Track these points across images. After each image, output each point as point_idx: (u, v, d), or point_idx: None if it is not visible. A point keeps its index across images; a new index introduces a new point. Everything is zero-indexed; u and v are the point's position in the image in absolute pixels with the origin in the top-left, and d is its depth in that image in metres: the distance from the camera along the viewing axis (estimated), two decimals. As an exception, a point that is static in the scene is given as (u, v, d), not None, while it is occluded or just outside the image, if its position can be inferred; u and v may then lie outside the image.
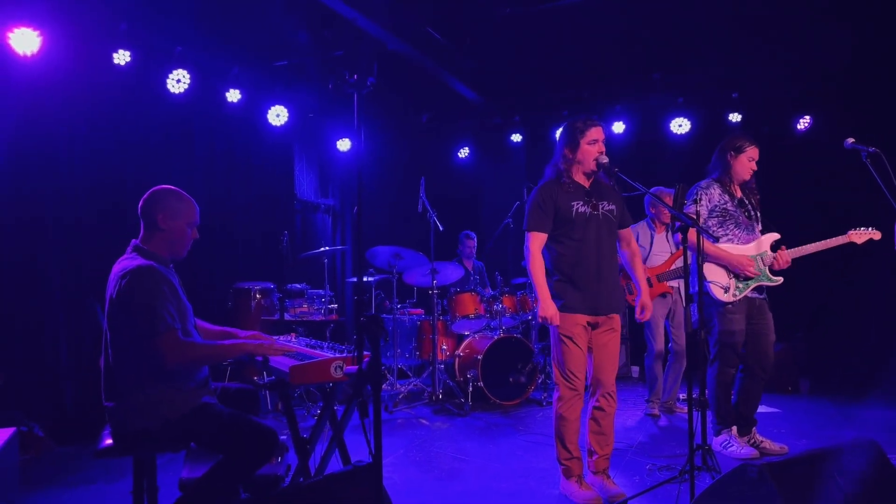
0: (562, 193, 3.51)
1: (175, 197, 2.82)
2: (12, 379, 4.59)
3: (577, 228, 3.48)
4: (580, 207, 3.49)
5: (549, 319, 3.45)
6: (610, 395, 3.53)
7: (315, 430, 3.13)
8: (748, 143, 4.12)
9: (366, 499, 2.30)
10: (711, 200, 4.10)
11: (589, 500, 3.36)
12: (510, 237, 7.19)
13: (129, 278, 2.59)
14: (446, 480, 3.86)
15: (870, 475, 2.62)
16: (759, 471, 2.39)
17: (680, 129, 7.57)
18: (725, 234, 4.11)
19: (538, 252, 3.54)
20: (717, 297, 4.07)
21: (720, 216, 4.11)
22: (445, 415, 5.52)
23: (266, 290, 5.94)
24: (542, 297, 3.47)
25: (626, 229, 3.69)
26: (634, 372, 7.35)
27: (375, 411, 1.92)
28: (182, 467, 3.24)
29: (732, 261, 4.04)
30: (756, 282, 4.08)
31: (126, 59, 5.32)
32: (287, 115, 6.90)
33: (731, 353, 4.10)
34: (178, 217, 2.79)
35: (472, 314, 6.03)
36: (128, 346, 2.66)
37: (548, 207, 3.50)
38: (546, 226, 3.52)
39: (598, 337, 3.53)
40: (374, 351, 1.94)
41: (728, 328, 4.06)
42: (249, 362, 2.91)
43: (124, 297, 2.58)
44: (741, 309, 4.07)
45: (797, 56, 6.43)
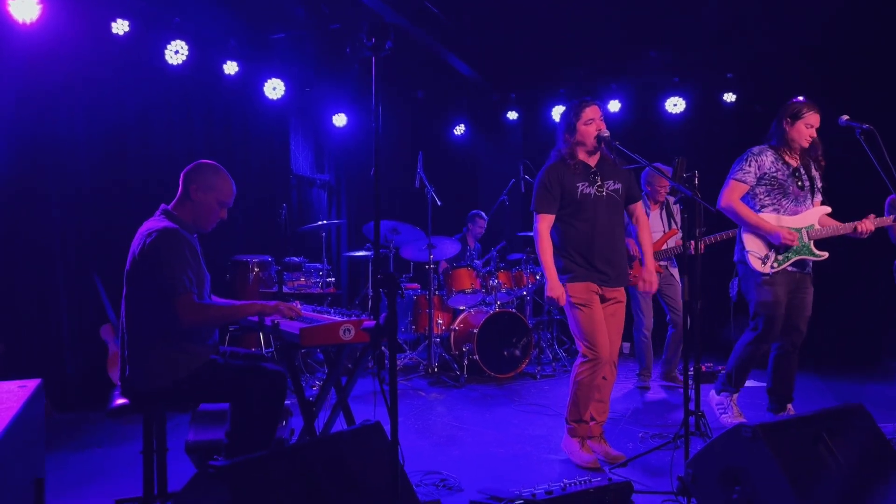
0: (567, 175, 3.58)
1: (213, 172, 2.89)
2: (12, 348, 4.63)
3: (584, 209, 3.56)
4: (585, 189, 3.57)
5: (557, 300, 3.52)
6: (614, 365, 3.65)
7: (320, 394, 3.21)
8: (806, 109, 3.88)
9: (376, 452, 2.38)
10: (762, 167, 3.92)
11: (589, 463, 3.49)
12: (506, 214, 7.25)
13: (154, 237, 2.66)
14: (445, 446, 3.96)
15: (858, 437, 2.73)
16: (753, 431, 2.48)
17: (675, 108, 7.64)
18: (772, 203, 3.94)
19: (546, 233, 3.60)
20: (755, 267, 3.92)
21: (769, 184, 3.92)
22: (441, 386, 5.62)
23: (264, 262, 5.98)
24: (550, 278, 3.54)
25: (637, 203, 3.77)
26: (625, 348, 7.45)
27: (391, 364, 1.99)
28: (188, 430, 3.32)
29: (770, 231, 3.86)
30: (797, 255, 3.88)
31: (125, 29, 5.30)
32: (284, 89, 6.89)
33: (770, 326, 3.90)
34: (211, 192, 2.86)
35: (469, 289, 6.10)
36: (143, 305, 2.73)
37: (554, 189, 3.58)
38: (553, 207, 3.59)
39: (606, 308, 3.63)
40: (391, 306, 2.01)
41: (763, 299, 3.90)
42: (259, 327, 2.97)
43: (148, 255, 2.66)
44: (780, 281, 3.90)
45: (790, 37, 6.48)
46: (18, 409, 1.56)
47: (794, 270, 3.94)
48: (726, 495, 2.54)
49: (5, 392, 1.82)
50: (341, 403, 3.20)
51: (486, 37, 7.14)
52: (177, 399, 2.77)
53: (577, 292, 3.54)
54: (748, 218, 3.93)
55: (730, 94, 7.39)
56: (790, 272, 3.92)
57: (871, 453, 2.72)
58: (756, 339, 3.98)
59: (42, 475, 1.94)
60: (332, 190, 8.16)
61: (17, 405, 1.60)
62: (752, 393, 5.09)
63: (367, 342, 2.80)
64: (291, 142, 7.46)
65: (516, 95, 8.35)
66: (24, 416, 1.60)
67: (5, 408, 1.56)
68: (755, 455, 2.46)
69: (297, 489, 2.16)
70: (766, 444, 2.44)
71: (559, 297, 3.52)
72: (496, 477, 3.39)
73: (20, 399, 1.70)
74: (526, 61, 7.75)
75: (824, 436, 2.60)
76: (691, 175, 3.28)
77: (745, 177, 3.94)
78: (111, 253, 5.06)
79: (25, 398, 1.73)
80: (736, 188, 3.97)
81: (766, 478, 2.42)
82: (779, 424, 2.58)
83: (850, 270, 6.09)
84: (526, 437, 4.11)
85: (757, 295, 3.94)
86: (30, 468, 1.77)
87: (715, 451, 2.63)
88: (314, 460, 2.23)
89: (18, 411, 1.54)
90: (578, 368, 3.58)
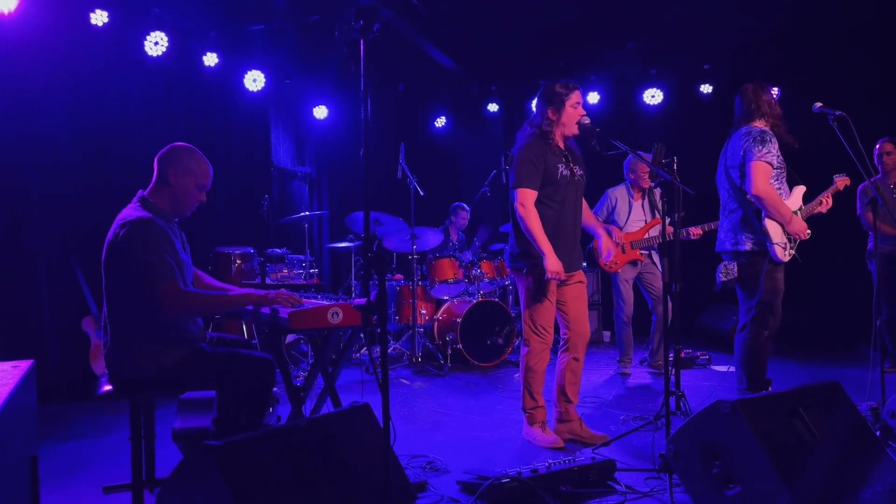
0: (550, 154, 3.57)
1: (189, 155, 2.85)
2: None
3: (560, 191, 3.58)
4: (563, 170, 3.60)
5: (558, 274, 3.45)
6: (586, 345, 3.75)
7: (308, 380, 3.24)
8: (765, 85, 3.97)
9: (365, 432, 2.42)
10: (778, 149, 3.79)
11: (553, 444, 3.59)
12: (487, 205, 7.30)
13: (127, 228, 2.64)
14: (430, 431, 4.00)
15: (833, 412, 2.81)
16: (731, 406, 2.55)
17: (653, 99, 7.75)
18: (779, 188, 3.78)
19: (533, 207, 3.51)
20: (779, 257, 3.74)
21: (780, 168, 3.80)
22: (426, 375, 5.67)
23: (246, 254, 5.97)
24: (547, 252, 3.44)
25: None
26: (606, 337, 7.55)
27: (382, 341, 2.03)
28: (175, 418, 3.33)
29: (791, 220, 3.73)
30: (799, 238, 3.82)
31: (104, 20, 5.26)
32: (264, 81, 6.86)
33: (769, 315, 3.81)
34: (189, 175, 2.82)
35: (451, 279, 6.15)
36: (123, 296, 2.71)
37: (539, 165, 3.53)
38: (537, 183, 3.53)
39: (570, 290, 3.70)
40: (381, 284, 2.04)
41: (773, 286, 3.78)
42: (253, 316, 2.96)
43: (121, 247, 2.64)
44: (784, 268, 3.83)
45: (764, 27, 6.59)
46: (14, 386, 1.57)
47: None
48: (707, 470, 2.60)
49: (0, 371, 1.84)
50: (329, 389, 3.23)
51: (466, 29, 7.17)
52: (163, 386, 2.77)
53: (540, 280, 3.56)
54: (781, 207, 3.70)
55: (706, 86, 7.51)
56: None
57: (846, 427, 2.81)
58: (758, 330, 3.82)
59: (36, 454, 1.95)
60: (314, 182, 8.15)
61: (12, 382, 1.61)
62: (730, 378, 5.18)
63: (355, 326, 2.82)
64: (272, 134, 7.43)
65: (496, 87, 8.40)
66: (19, 393, 1.61)
67: (2, 383, 1.57)
68: (734, 430, 2.53)
69: (287, 469, 2.19)
70: (745, 418, 2.51)
71: (559, 272, 3.45)
72: (482, 459, 3.44)
73: (15, 377, 1.71)
74: (505, 54, 7.80)
75: (801, 411, 2.68)
76: (670, 160, 3.35)
77: (772, 158, 3.69)
78: (92, 245, 4.97)
79: (20, 376, 1.74)
80: (765, 172, 3.67)
81: (745, 451, 2.49)
82: (756, 400, 2.66)
83: (825, 257, 6.22)
84: (510, 421, 4.17)
85: (768, 282, 3.77)
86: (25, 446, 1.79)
87: (695, 427, 2.69)
88: (305, 440, 2.26)
89: (14, 388, 1.56)
90: (527, 358, 3.66)
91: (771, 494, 2.41)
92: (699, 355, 5.99)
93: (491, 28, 7.13)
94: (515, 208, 3.56)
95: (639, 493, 2.91)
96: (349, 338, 3.27)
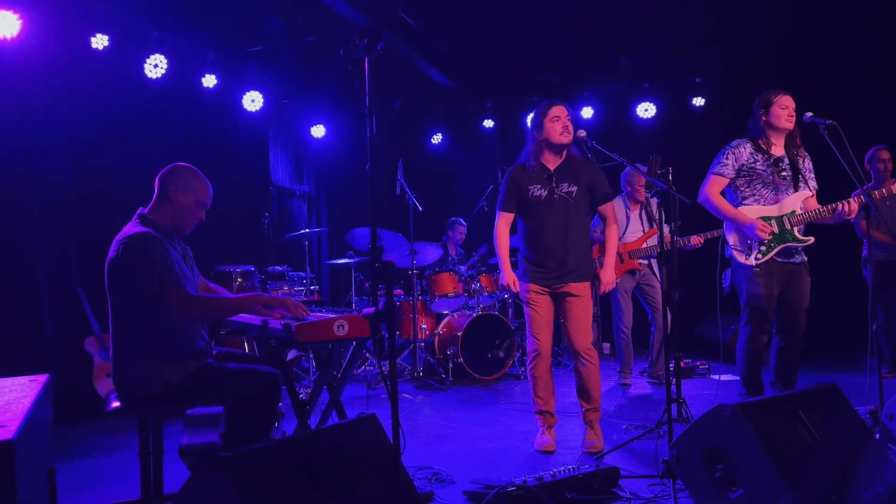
0: (524, 177, 3.86)
1: (191, 174, 2.93)
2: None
3: (534, 210, 3.83)
4: (536, 191, 3.80)
5: (509, 286, 3.91)
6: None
7: (313, 393, 3.27)
8: (775, 94, 3.94)
9: (373, 442, 2.45)
10: (738, 160, 3.95)
11: (542, 446, 3.77)
12: (484, 220, 7.36)
13: (126, 243, 2.69)
14: (435, 443, 4.03)
15: (832, 414, 2.86)
16: (732, 410, 2.60)
17: (646, 113, 7.84)
18: (752, 194, 3.95)
19: (503, 229, 3.97)
20: (740, 260, 3.95)
21: (747, 176, 3.95)
22: (427, 389, 5.69)
23: (247, 272, 6.00)
24: (503, 268, 3.95)
25: (607, 205, 3.91)
26: (605, 348, 7.57)
27: (391, 348, 2.07)
28: (182, 434, 3.36)
29: (744, 223, 3.88)
30: (780, 243, 3.88)
31: (104, 44, 5.34)
32: (262, 101, 6.95)
33: (759, 319, 3.91)
34: (190, 193, 2.89)
35: (451, 293, 6.19)
36: (127, 312, 2.76)
37: (511, 190, 3.89)
38: (510, 206, 3.92)
39: (562, 303, 3.85)
40: (388, 294, 2.09)
41: (753, 291, 3.90)
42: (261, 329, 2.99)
43: (121, 262, 2.68)
44: (770, 273, 3.89)
45: (755, 41, 6.71)
46: (35, 397, 1.61)
47: (784, 261, 3.91)
48: (710, 474, 2.64)
49: (18, 384, 1.87)
50: (334, 402, 3.26)
51: (461, 47, 7.29)
52: (171, 402, 2.80)
53: (525, 292, 3.88)
54: (723, 210, 3.96)
55: (699, 98, 7.60)
56: (780, 263, 3.90)
57: (846, 429, 2.85)
58: (750, 335, 3.96)
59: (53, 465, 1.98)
60: (312, 200, 8.22)
61: (33, 394, 1.65)
62: (731, 387, 5.23)
63: (360, 338, 2.86)
64: (271, 153, 7.51)
65: (492, 104, 8.49)
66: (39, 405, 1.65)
67: (23, 395, 1.61)
68: (736, 433, 2.57)
69: (298, 478, 2.22)
70: (746, 422, 2.56)
71: (510, 284, 3.91)
72: (487, 470, 3.47)
73: (34, 390, 1.75)
74: (500, 71, 7.91)
75: (801, 413, 2.73)
76: (665, 171, 3.42)
77: (723, 170, 3.98)
78: (94, 265, 5.03)
79: (39, 388, 1.78)
80: (715, 182, 4.01)
81: (747, 454, 2.53)
82: (757, 403, 2.71)
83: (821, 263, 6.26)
84: (514, 432, 4.20)
85: (747, 287, 3.94)
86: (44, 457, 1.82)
87: (697, 431, 2.74)
88: (314, 450, 2.29)
89: (35, 399, 1.59)
90: (528, 364, 3.93)
91: (773, 496, 2.45)
92: (699, 365, 6.03)
93: (485, 46, 7.25)
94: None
95: (643, 500, 2.94)
96: (354, 350, 3.31)
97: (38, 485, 1.63)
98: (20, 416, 1.34)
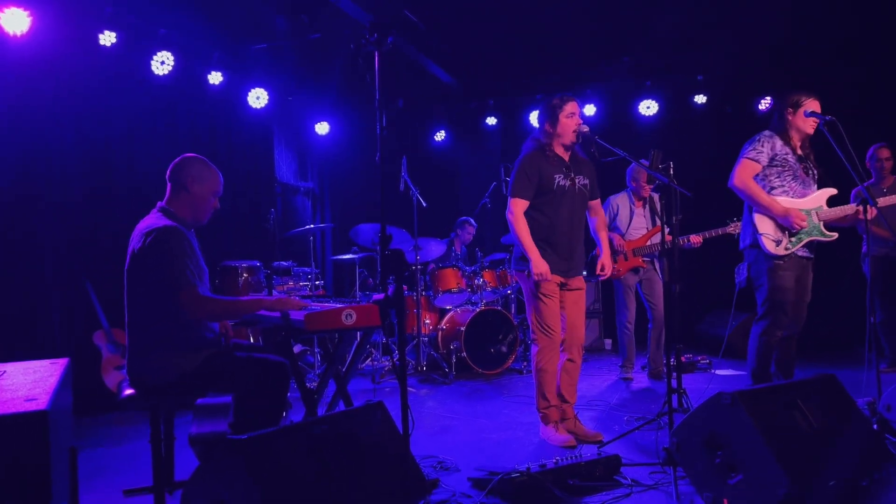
0: (546, 165, 3.79)
1: (202, 164, 3.00)
2: (3, 356, 4.66)
3: (556, 199, 3.78)
4: (561, 180, 3.79)
5: (544, 275, 3.69)
6: (582, 347, 3.89)
7: (321, 383, 3.34)
8: (805, 97, 3.97)
9: (381, 428, 2.51)
10: (773, 149, 3.95)
11: (565, 442, 3.71)
12: (488, 216, 7.43)
13: (154, 235, 2.75)
14: (440, 434, 4.09)
15: (829, 403, 2.92)
16: (732, 398, 2.66)
17: (648, 110, 7.89)
18: (782, 185, 3.96)
19: (521, 215, 3.79)
20: (769, 249, 3.89)
21: (780, 166, 3.95)
22: (431, 383, 5.75)
23: (253, 267, 6.06)
24: (534, 256, 3.71)
25: (596, 200, 4.03)
26: (607, 345, 7.64)
27: (399, 334, 2.13)
28: (191, 423, 3.42)
29: (781, 212, 3.86)
30: (808, 236, 3.90)
31: (112, 41, 5.39)
32: (267, 98, 7.00)
33: (780, 313, 3.92)
34: (205, 183, 2.96)
35: (455, 289, 6.26)
36: (146, 302, 2.82)
37: (533, 177, 3.78)
38: (529, 193, 3.80)
39: (569, 296, 3.88)
40: (397, 281, 2.15)
41: (780, 284, 3.88)
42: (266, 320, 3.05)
43: (147, 253, 2.75)
44: (792, 265, 3.91)
45: (756, 39, 6.75)
46: (60, 376, 1.67)
47: (804, 255, 3.94)
48: (710, 460, 2.70)
49: (41, 367, 1.93)
50: (341, 391, 3.33)
51: (464, 45, 7.33)
52: (184, 390, 2.86)
53: (543, 284, 3.75)
54: (760, 198, 3.89)
55: (701, 96, 7.65)
56: (800, 257, 3.93)
57: (843, 418, 2.91)
58: (769, 327, 3.95)
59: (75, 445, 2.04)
60: (316, 197, 8.28)
61: (58, 373, 1.71)
62: (731, 382, 5.29)
63: (368, 327, 2.91)
64: (275, 150, 7.57)
65: (494, 102, 8.54)
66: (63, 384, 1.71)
67: (48, 374, 1.67)
68: (735, 420, 2.64)
69: (309, 462, 2.29)
70: (745, 409, 2.62)
71: (545, 273, 3.68)
72: (490, 459, 3.53)
73: (58, 370, 1.81)
74: (503, 69, 7.96)
75: (799, 402, 2.79)
76: (666, 165, 3.48)
77: (759, 156, 3.94)
78: (101, 259, 5.14)
79: (62, 369, 1.84)
80: (748, 167, 3.94)
81: (746, 441, 2.59)
82: (756, 392, 2.77)
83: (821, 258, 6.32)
84: (517, 423, 4.27)
85: (770, 280, 3.91)
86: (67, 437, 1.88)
87: (697, 419, 2.80)
88: (325, 435, 2.36)
89: (60, 378, 1.66)
90: (538, 357, 3.82)
91: (771, 483, 2.51)
92: (700, 359, 6.09)
93: (488, 43, 7.29)
94: (507, 215, 3.82)
95: (644, 486, 3.00)
96: (361, 340, 3.37)
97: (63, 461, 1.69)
98: (49, 391, 1.40)
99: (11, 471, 1.33)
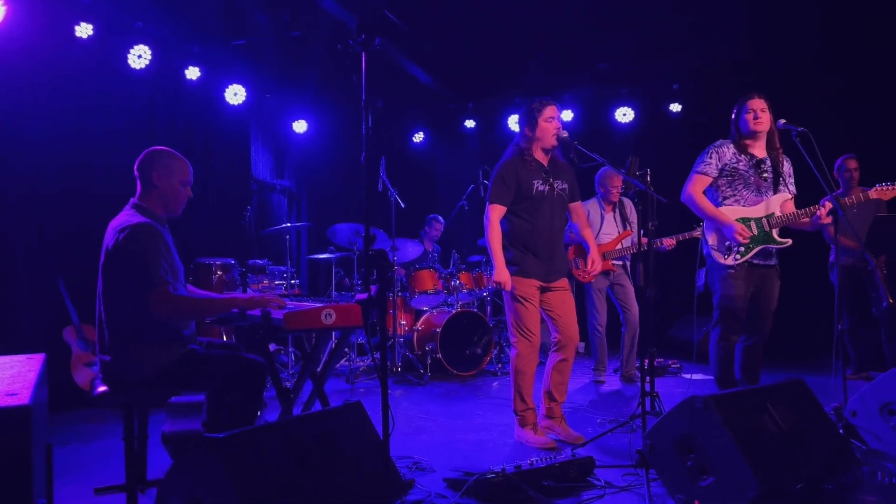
0: (524, 171, 3.83)
1: (168, 156, 2.97)
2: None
3: (535, 205, 3.83)
4: (539, 186, 3.83)
5: (503, 284, 3.76)
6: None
7: (298, 382, 3.33)
8: (746, 98, 3.99)
9: (358, 428, 2.52)
10: (721, 159, 3.98)
11: (545, 444, 3.72)
12: (465, 218, 7.45)
13: (127, 232, 2.72)
14: (414, 434, 4.10)
15: (799, 407, 2.99)
16: (704, 402, 2.71)
17: (624, 117, 7.99)
18: (734, 194, 3.99)
19: (497, 222, 3.85)
20: (719, 261, 3.96)
21: (729, 176, 3.99)
22: (406, 384, 5.76)
23: (227, 265, 6.02)
24: (498, 264, 3.78)
25: (577, 203, 4.07)
26: (580, 347, 7.70)
27: (381, 334, 2.14)
28: (164, 422, 3.39)
29: (724, 223, 3.90)
30: (758, 244, 3.91)
31: (88, 33, 5.33)
32: (245, 95, 6.95)
33: (730, 319, 3.96)
34: (172, 175, 2.94)
35: (431, 290, 6.27)
36: (120, 299, 2.79)
37: (510, 183, 3.82)
38: (507, 199, 3.84)
39: (554, 296, 3.89)
40: (381, 281, 2.16)
41: (727, 292, 3.94)
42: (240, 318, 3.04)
43: (121, 250, 2.72)
44: (744, 275, 3.93)
45: (729, 50, 6.88)
46: (39, 371, 1.65)
47: (760, 263, 3.95)
48: (682, 462, 2.75)
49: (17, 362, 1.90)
50: (318, 391, 3.32)
51: (445, 47, 7.35)
52: (157, 387, 2.83)
53: (522, 287, 3.79)
54: (705, 209, 3.97)
55: (675, 104, 7.77)
56: (755, 265, 3.94)
57: (811, 422, 2.99)
58: (721, 334, 4.02)
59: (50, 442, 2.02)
60: (293, 196, 8.23)
61: (36, 368, 1.69)
62: (702, 386, 5.37)
63: (347, 327, 2.92)
64: (252, 147, 7.51)
65: (473, 105, 8.59)
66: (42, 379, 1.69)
67: (27, 370, 1.65)
68: (707, 424, 2.69)
69: (286, 461, 2.28)
70: (717, 413, 2.67)
71: (505, 283, 3.75)
72: (466, 460, 3.54)
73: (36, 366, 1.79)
74: (482, 72, 7.99)
75: (769, 406, 2.85)
76: (643, 172, 3.54)
77: (707, 168, 4.01)
78: (74, 255, 5.07)
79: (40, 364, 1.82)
80: (698, 181, 4.03)
81: (718, 444, 2.65)
82: (728, 396, 2.83)
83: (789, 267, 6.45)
84: (491, 425, 4.29)
85: (721, 288, 3.98)
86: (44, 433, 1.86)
87: (670, 422, 2.85)
88: (302, 434, 2.36)
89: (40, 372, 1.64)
90: (516, 360, 3.83)
91: (742, 484, 2.56)
92: (671, 364, 6.18)
93: (468, 46, 7.32)
94: (483, 221, 3.85)
95: (617, 488, 3.05)
96: (339, 340, 3.36)
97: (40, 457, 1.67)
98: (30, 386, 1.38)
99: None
